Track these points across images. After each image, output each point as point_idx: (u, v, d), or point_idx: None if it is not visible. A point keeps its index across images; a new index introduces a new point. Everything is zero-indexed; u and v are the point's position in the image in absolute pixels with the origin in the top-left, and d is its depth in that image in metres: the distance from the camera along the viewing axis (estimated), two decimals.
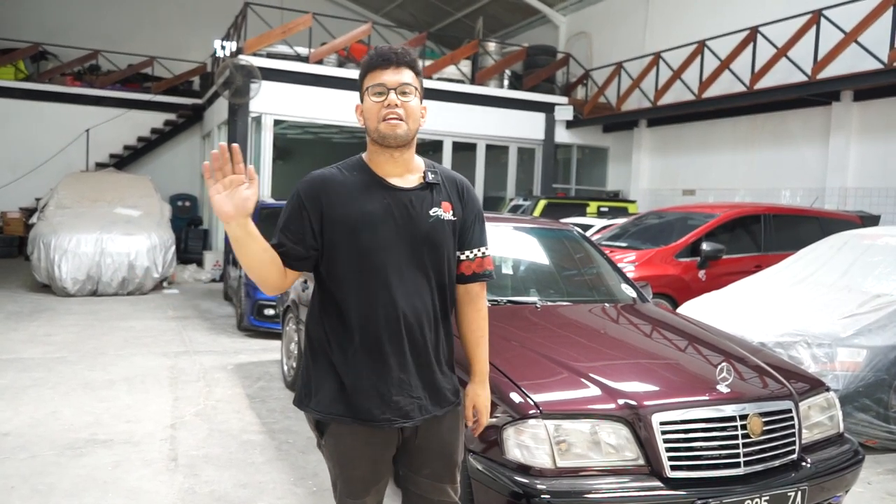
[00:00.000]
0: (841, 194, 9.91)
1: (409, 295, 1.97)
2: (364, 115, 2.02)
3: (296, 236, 1.98)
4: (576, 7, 15.74)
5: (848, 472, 3.00)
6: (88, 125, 15.39)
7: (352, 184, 2.00)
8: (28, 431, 4.38)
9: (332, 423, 2.00)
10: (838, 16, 9.24)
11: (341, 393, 1.98)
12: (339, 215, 1.96)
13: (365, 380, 1.96)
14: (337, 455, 2.03)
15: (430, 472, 2.08)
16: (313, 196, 1.99)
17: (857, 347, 4.52)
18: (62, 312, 8.58)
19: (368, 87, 1.99)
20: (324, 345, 2.02)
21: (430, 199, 2.03)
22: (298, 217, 1.99)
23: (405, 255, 1.98)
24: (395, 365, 1.97)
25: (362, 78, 2.03)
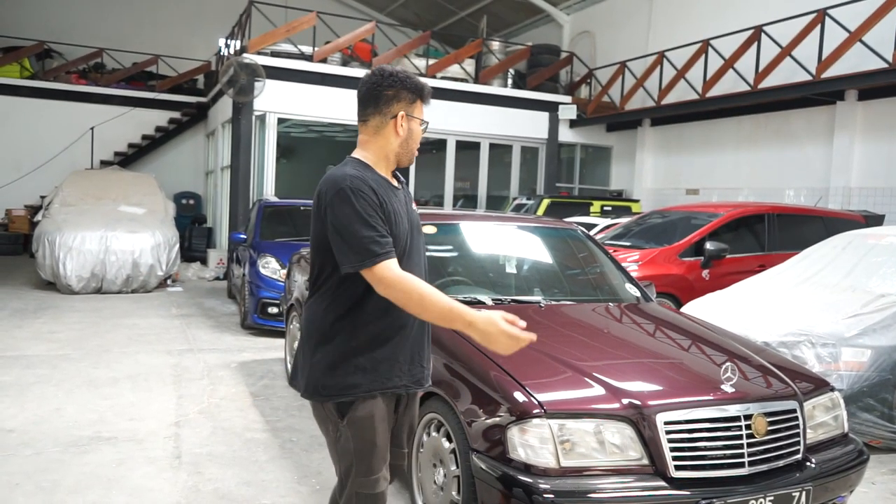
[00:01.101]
0: (845, 194, 9.89)
1: (420, 276, 2.23)
2: (410, 135, 2.26)
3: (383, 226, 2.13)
4: (580, 6, 15.72)
5: (852, 472, 2.99)
6: (93, 123, 15.42)
7: (378, 182, 2.20)
8: (32, 428, 4.39)
9: (373, 397, 2.19)
10: (843, 15, 9.21)
11: (369, 370, 2.18)
12: (389, 209, 2.18)
13: (390, 354, 2.21)
14: (367, 429, 2.19)
15: (397, 441, 2.37)
16: (370, 191, 2.14)
17: (862, 347, 4.51)
18: (66, 310, 8.60)
19: (423, 121, 2.28)
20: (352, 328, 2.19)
21: (407, 196, 2.36)
22: (376, 209, 2.13)
23: (414, 242, 2.28)
24: (414, 340, 2.27)
25: (417, 100, 2.25)
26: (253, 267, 7.85)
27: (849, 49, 9.05)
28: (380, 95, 2.21)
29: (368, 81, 2.24)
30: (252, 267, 7.88)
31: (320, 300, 2.24)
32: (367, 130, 2.26)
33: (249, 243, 8.59)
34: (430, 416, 3.12)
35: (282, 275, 7.41)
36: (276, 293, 7.44)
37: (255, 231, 8.75)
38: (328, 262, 2.19)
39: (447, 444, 2.95)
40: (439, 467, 3.03)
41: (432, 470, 3.08)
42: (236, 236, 9.06)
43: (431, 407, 3.10)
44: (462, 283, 4.07)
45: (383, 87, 2.20)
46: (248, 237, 8.81)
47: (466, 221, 4.57)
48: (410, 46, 13.49)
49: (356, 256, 2.07)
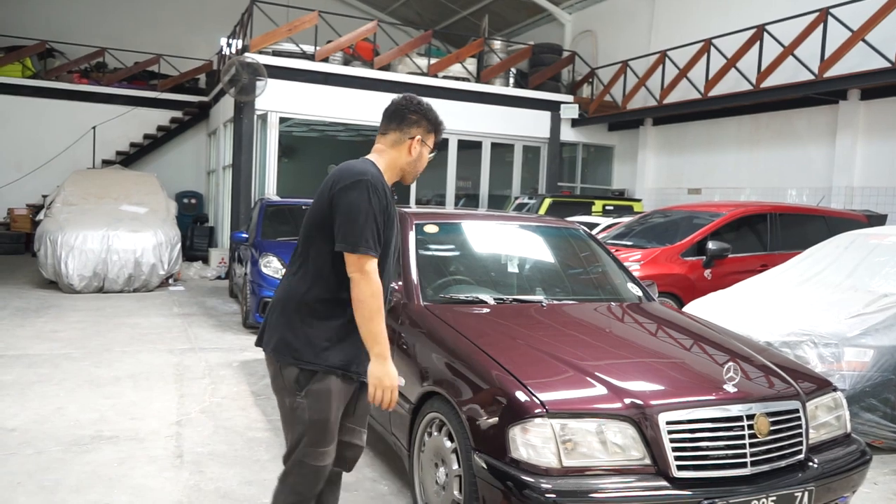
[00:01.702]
0: (847, 193, 9.87)
1: (388, 280, 2.51)
2: (419, 158, 2.54)
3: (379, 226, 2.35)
4: (582, 5, 15.71)
5: (855, 472, 2.98)
6: (95, 122, 15.43)
7: (386, 187, 2.44)
8: (34, 427, 4.39)
9: (336, 374, 2.37)
10: (845, 14, 9.19)
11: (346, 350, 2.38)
12: (390, 213, 2.42)
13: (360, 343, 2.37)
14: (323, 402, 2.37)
15: (354, 420, 2.57)
16: (387, 193, 2.40)
17: (864, 347, 4.50)
18: (68, 309, 8.61)
19: (432, 149, 2.56)
20: (335, 311, 2.37)
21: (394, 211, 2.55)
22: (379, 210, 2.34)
23: (392, 253, 2.51)
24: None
25: (433, 132, 2.55)
26: (255, 266, 7.85)
27: (851, 48, 9.03)
28: (404, 117, 2.50)
29: (398, 102, 2.54)
30: (254, 266, 7.88)
31: (306, 276, 2.41)
32: (385, 142, 2.52)
33: (251, 242, 8.59)
34: (431, 415, 3.11)
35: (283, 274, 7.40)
36: None
37: (257, 230, 8.75)
38: (323, 242, 2.37)
39: (449, 444, 2.95)
40: (441, 467, 3.02)
41: (434, 469, 3.08)
42: (238, 235, 9.07)
43: (433, 406, 3.10)
44: (464, 282, 4.07)
45: (410, 110, 2.51)
46: (250, 236, 8.81)
47: (468, 221, 4.57)
48: (412, 46, 13.48)
49: (353, 239, 2.28)
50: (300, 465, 2.41)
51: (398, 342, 3.55)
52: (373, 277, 2.29)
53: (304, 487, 2.44)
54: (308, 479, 2.43)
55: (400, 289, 3.77)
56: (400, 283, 3.80)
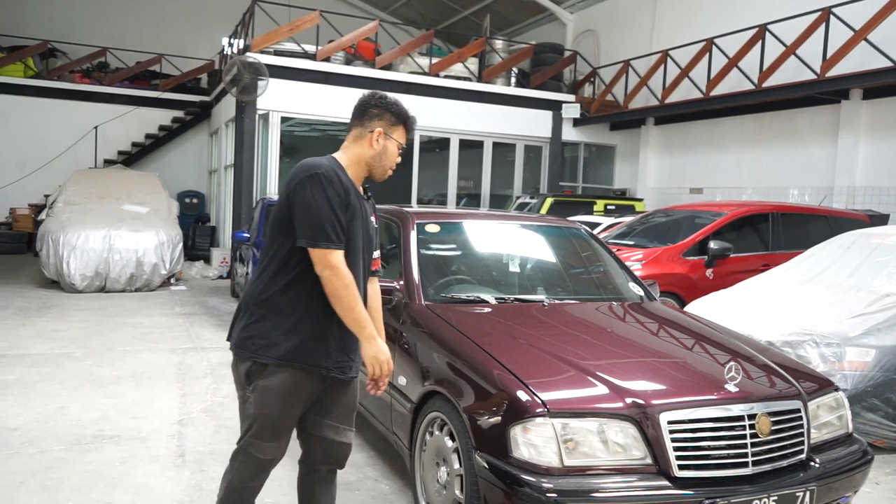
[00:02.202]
0: (849, 193, 9.86)
1: (362, 276, 2.49)
2: (384, 152, 2.51)
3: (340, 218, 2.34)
4: (583, 5, 15.70)
5: (857, 472, 2.98)
6: (97, 122, 15.45)
7: (347, 181, 2.43)
8: (36, 427, 4.40)
9: (288, 370, 2.38)
10: (848, 13, 9.18)
11: (298, 345, 2.37)
12: (352, 205, 2.40)
13: (321, 336, 2.40)
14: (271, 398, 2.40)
15: (335, 417, 2.56)
16: (344, 185, 2.38)
17: (866, 347, 4.50)
18: (70, 308, 8.62)
19: (400, 143, 2.54)
20: (295, 304, 2.38)
21: (370, 208, 2.59)
22: (339, 201, 2.35)
23: (364, 245, 2.50)
24: (343, 329, 2.41)
25: (399, 124, 2.53)
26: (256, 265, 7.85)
27: (854, 48, 9.01)
28: (366, 111, 2.52)
29: (362, 98, 2.57)
30: (255, 265, 7.87)
31: (266, 272, 2.45)
32: (349, 138, 2.55)
33: (253, 242, 8.60)
34: (433, 414, 3.11)
35: None
36: None
37: (259, 230, 8.76)
38: (284, 240, 2.40)
39: (450, 443, 2.95)
40: (442, 466, 3.03)
41: (435, 469, 3.08)
42: (239, 235, 9.07)
43: (435, 406, 3.10)
44: (465, 281, 4.07)
45: (371, 104, 2.53)
46: (252, 236, 8.82)
47: (470, 220, 4.57)
48: (414, 45, 13.48)
49: (313, 234, 2.30)
50: (245, 453, 2.50)
51: (399, 342, 3.55)
52: (342, 270, 2.30)
53: (245, 474, 2.52)
54: (250, 467, 2.51)
55: (401, 288, 3.77)
56: (401, 282, 3.80)
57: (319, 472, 2.64)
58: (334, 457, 2.62)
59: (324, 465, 2.63)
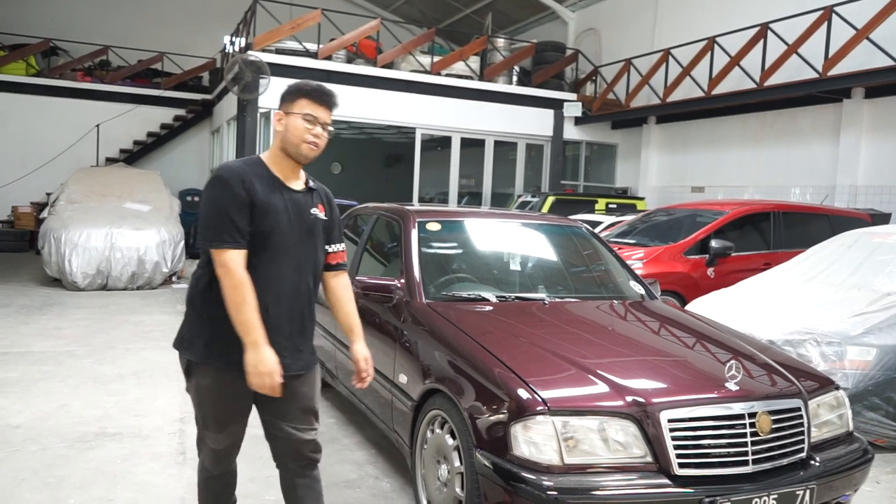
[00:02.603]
0: (851, 192, 9.85)
1: (295, 272, 2.44)
2: (287, 129, 2.42)
3: (244, 218, 2.33)
4: (585, 3, 15.69)
5: (857, 470, 2.98)
6: (98, 120, 15.47)
7: (261, 178, 2.41)
8: (38, 424, 4.41)
9: (202, 366, 2.41)
10: (850, 12, 9.17)
11: (223, 343, 2.35)
12: (260, 203, 2.35)
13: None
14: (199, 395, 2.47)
15: (293, 418, 2.53)
16: (246, 185, 2.35)
17: (867, 346, 4.50)
18: (72, 306, 8.63)
19: (304, 113, 2.40)
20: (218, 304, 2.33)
21: (311, 200, 2.52)
22: (236, 200, 2.32)
23: (294, 240, 2.43)
24: (275, 327, 2.38)
25: (297, 98, 2.43)
26: None
27: (856, 46, 9.01)
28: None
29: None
30: None
31: (196, 272, 2.49)
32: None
33: None
34: (433, 412, 3.12)
35: None
36: None
37: None
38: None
39: (451, 441, 2.95)
40: (443, 464, 3.03)
41: (436, 466, 3.09)
42: None
43: (435, 404, 3.10)
44: (466, 280, 4.07)
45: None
46: None
47: (471, 219, 4.57)
48: (415, 43, 13.49)
49: (208, 234, 2.31)
50: (201, 442, 2.60)
51: (400, 340, 3.56)
52: (232, 271, 2.28)
53: (207, 462, 2.62)
54: (208, 456, 2.60)
55: (402, 286, 3.77)
56: (402, 280, 3.80)
57: (294, 469, 2.62)
58: (303, 454, 2.59)
59: (294, 462, 2.61)
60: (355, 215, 5.30)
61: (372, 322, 3.98)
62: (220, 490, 2.71)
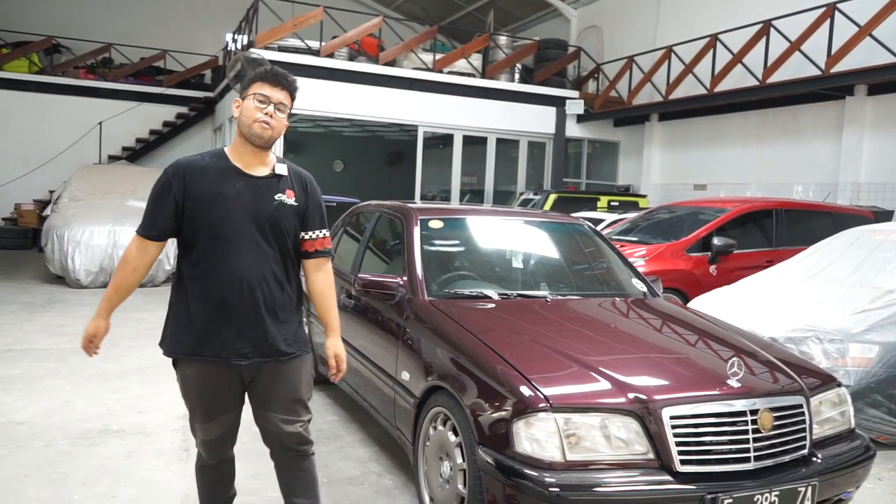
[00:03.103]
0: (854, 189, 9.84)
1: (250, 260, 2.42)
2: (241, 114, 2.47)
3: (162, 212, 2.42)
4: (587, 0, 15.67)
5: (859, 467, 2.99)
6: (101, 118, 15.49)
7: (212, 168, 2.45)
8: (42, 421, 4.43)
9: (182, 360, 2.49)
10: (852, 9, 9.15)
11: (191, 336, 2.44)
12: (203, 193, 2.40)
13: (212, 326, 2.42)
14: (183, 387, 2.55)
15: (277, 408, 2.56)
16: (178, 177, 2.42)
17: (869, 343, 4.50)
18: (75, 304, 8.65)
19: (254, 94, 2.45)
20: (182, 297, 2.48)
21: (277, 186, 2.49)
22: (165, 196, 2.42)
23: (251, 229, 2.42)
24: (235, 316, 2.42)
25: (252, 83, 2.48)
26: None
27: (858, 43, 8.99)
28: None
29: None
30: None
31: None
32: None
33: None
34: (436, 409, 3.13)
35: None
36: None
37: None
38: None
39: (453, 438, 2.96)
40: (445, 460, 3.04)
41: (438, 463, 3.09)
42: None
43: (438, 401, 3.11)
44: (468, 277, 4.07)
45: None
46: None
47: (473, 216, 4.57)
48: (417, 41, 13.48)
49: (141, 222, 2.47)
50: (193, 432, 2.66)
51: (403, 337, 3.57)
52: (124, 255, 2.50)
53: (201, 450, 2.68)
54: (201, 445, 2.66)
55: (405, 284, 3.78)
56: (405, 278, 3.81)
57: (281, 459, 2.68)
58: (288, 446, 2.62)
59: (281, 453, 2.66)
60: (357, 213, 5.30)
61: (374, 319, 3.99)
62: (215, 480, 2.74)
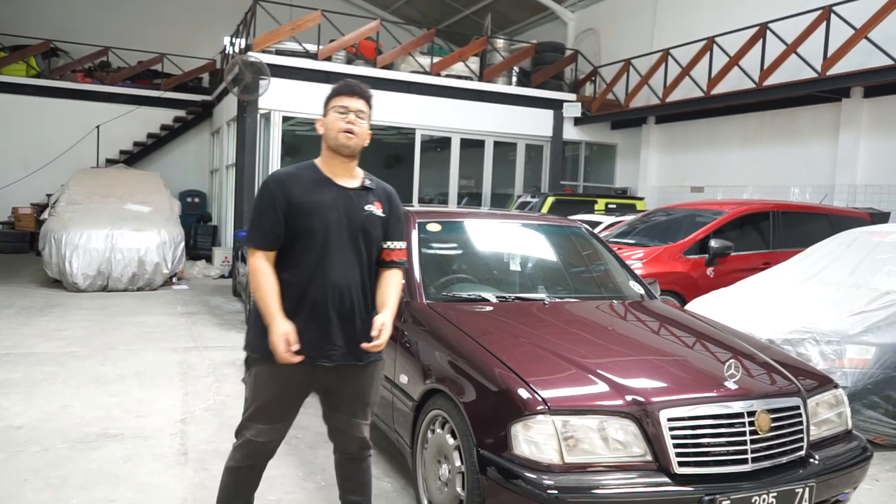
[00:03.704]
0: (850, 191, 9.86)
1: (343, 266, 2.57)
2: (327, 128, 2.63)
3: (271, 220, 2.52)
4: (584, 4, 15.70)
5: (856, 469, 3.00)
6: (99, 121, 15.47)
7: (308, 179, 2.60)
8: (40, 425, 4.43)
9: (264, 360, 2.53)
10: (848, 12, 9.18)
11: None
12: (301, 202, 2.53)
13: (303, 328, 2.50)
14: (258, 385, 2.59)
15: (347, 409, 2.69)
16: (280, 187, 2.56)
17: (866, 345, 4.51)
18: (73, 307, 8.64)
19: (334, 107, 2.61)
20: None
21: (366, 198, 2.64)
22: (273, 207, 2.53)
23: (344, 237, 2.57)
24: (325, 320, 2.54)
25: (330, 99, 2.66)
26: None
27: (854, 46, 9.01)
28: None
29: None
30: None
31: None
32: None
33: None
34: (434, 412, 3.13)
35: None
36: None
37: None
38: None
39: (451, 441, 2.97)
40: (444, 463, 3.05)
41: (437, 466, 3.10)
42: (241, 234, 9.09)
43: (436, 404, 3.12)
44: (466, 280, 4.08)
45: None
46: None
47: (471, 219, 4.59)
48: (415, 44, 13.50)
49: (248, 235, 2.57)
50: (240, 433, 2.65)
51: (401, 340, 3.57)
52: (252, 263, 2.54)
53: (241, 454, 2.65)
54: (245, 447, 2.63)
55: (403, 287, 3.78)
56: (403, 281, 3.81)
57: (343, 457, 2.82)
58: (349, 447, 2.77)
59: (343, 452, 2.81)
60: None
61: None
62: (242, 483, 2.72)
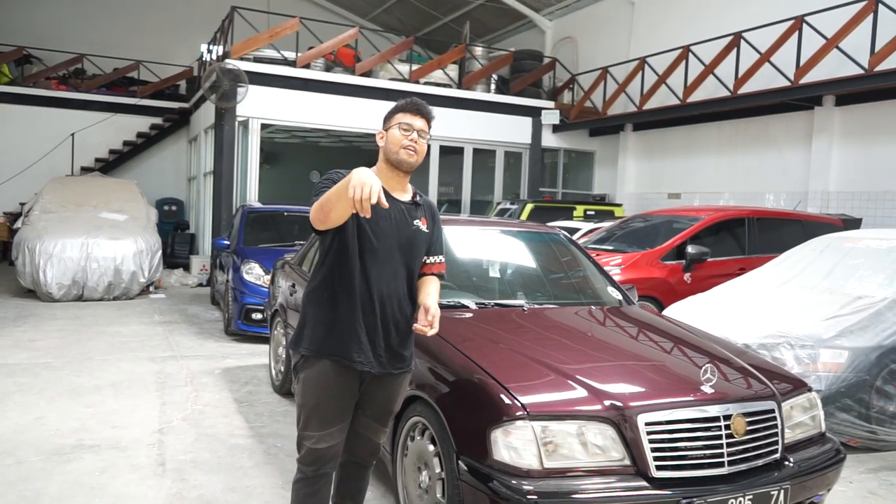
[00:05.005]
0: (823, 198, 10.03)
1: (389, 276, 2.58)
2: (387, 142, 2.63)
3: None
4: (562, 12, 15.84)
5: (830, 471, 3.05)
6: (74, 129, 15.28)
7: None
8: (14, 437, 4.35)
9: (315, 362, 2.56)
10: (820, 22, 9.36)
11: (333, 339, 2.54)
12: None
13: (353, 332, 2.53)
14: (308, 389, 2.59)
15: (371, 413, 2.71)
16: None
17: (839, 349, 4.58)
18: (47, 318, 8.52)
19: (399, 123, 2.62)
20: (322, 301, 2.57)
21: (415, 213, 2.68)
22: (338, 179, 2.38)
23: (393, 247, 2.59)
24: (372, 327, 2.55)
25: (394, 114, 2.67)
26: (237, 273, 7.82)
27: (826, 55, 9.19)
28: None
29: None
30: (236, 273, 7.85)
31: (313, 273, 2.69)
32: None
33: (233, 249, 8.56)
34: (414, 419, 3.13)
35: (266, 280, 7.40)
36: (259, 299, 7.42)
37: (239, 237, 8.72)
38: (321, 240, 2.61)
39: (431, 448, 2.97)
40: (424, 470, 3.04)
41: (417, 473, 3.10)
42: (220, 242, 9.02)
43: (416, 410, 3.11)
44: (446, 286, 4.08)
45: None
46: (232, 243, 8.78)
47: (450, 226, 4.59)
48: (394, 52, 13.52)
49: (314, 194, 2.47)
50: (300, 445, 2.64)
51: None
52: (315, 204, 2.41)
53: (306, 464, 2.64)
54: (307, 457, 2.62)
55: None
56: None
57: (350, 461, 2.82)
58: (360, 452, 2.79)
59: (350, 457, 2.80)
60: None
61: None
62: (312, 493, 2.65)
